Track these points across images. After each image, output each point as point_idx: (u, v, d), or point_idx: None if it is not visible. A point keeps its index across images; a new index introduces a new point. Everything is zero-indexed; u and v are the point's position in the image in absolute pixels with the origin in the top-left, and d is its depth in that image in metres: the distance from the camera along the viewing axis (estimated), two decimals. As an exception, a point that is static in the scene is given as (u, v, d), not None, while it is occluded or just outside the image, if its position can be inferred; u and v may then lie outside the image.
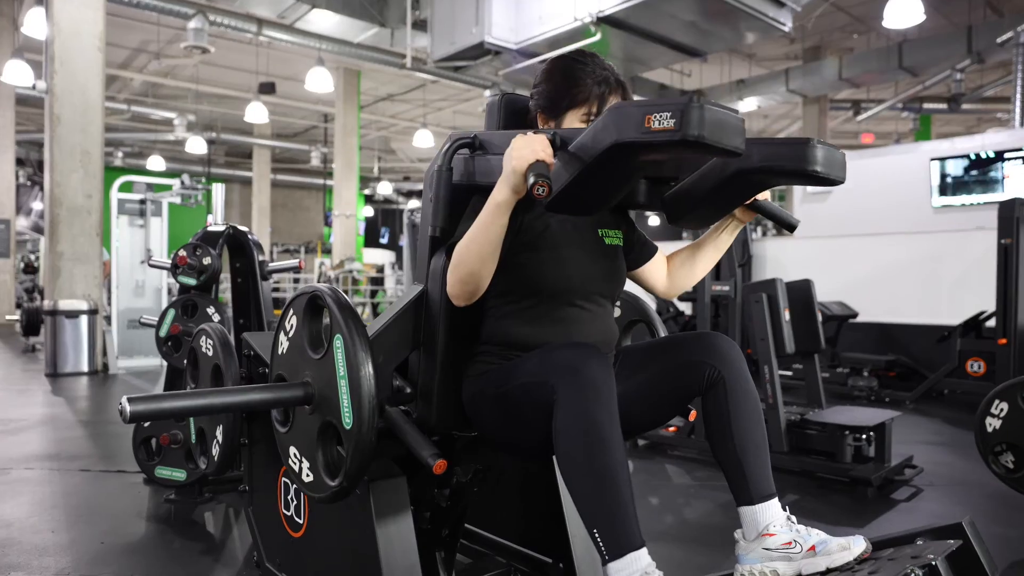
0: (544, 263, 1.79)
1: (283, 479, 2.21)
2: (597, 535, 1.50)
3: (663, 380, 1.77)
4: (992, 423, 3.12)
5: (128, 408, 1.51)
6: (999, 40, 10.92)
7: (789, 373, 6.71)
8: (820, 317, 4.45)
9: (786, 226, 1.85)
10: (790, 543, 1.59)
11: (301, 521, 2.12)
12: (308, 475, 1.76)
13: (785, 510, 1.68)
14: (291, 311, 1.86)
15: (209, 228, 3.70)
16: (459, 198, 1.78)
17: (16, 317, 11.81)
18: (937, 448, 4.67)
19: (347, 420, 1.63)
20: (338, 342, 1.67)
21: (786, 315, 4.09)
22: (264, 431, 2.38)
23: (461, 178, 1.78)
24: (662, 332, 2.36)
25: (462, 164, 1.79)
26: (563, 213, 1.74)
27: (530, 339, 1.78)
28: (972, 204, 8.63)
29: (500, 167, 1.59)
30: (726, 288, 4.60)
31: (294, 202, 28.44)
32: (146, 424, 3.32)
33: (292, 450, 1.82)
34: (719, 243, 1.98)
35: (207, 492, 3.37)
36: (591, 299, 1.84)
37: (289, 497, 2.18)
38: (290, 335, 1.86)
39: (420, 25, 10.52)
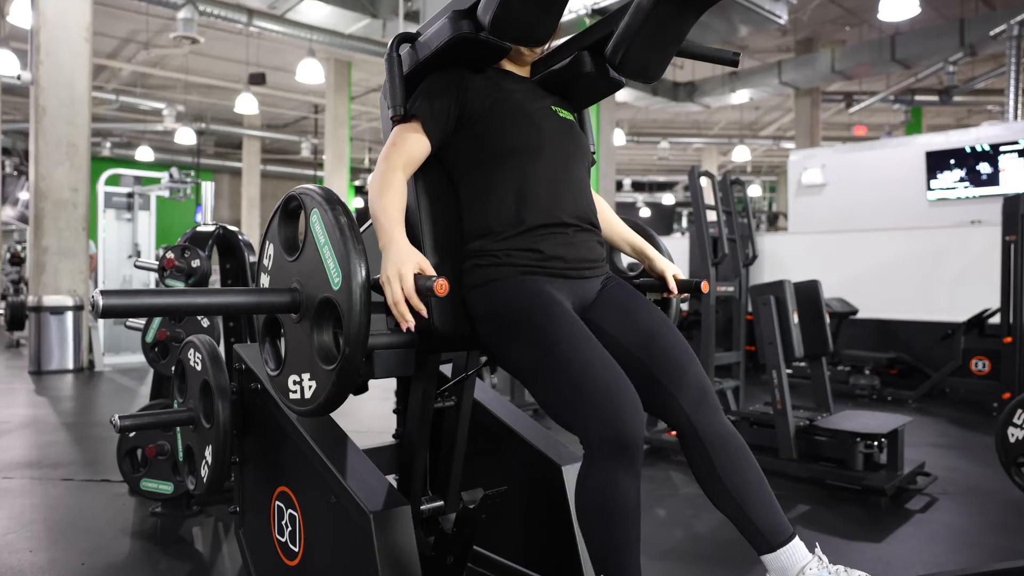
0: (495, 126, 1.76)
1: (277, 503, 2.08)
2: None
3: (641, 369, 1.66)
4: (1015, 433, 3.02)
5: (101, 301, 1.40)
6: (992, 33, 10.92)
7: (790, 371, 6.59)
8: (827, 319, 4.33)
9: (728, 62, 1.87)
10: (831, 585, 1.46)
11: (296, 549, 1.98)
12: (310, 384, 1.61)
13: (815, 549, 1.55)
14: (267, 242, 1.76)
15: (198, 228, 3.55)
16: (413, 88, 1.82)
17: (0, 311, 11.62)
18: (947, 452, 4.57)
19: (335, 281, 1.50)
20: (315, 216, 1.57)
21: (795, 318, 3.97)
22: (256, 449, 2.25)
23: (410, 67, 1.81)
24: (654, 233, 2.26)
25: (408, 57, 1.82)
26: (510, 40, 1.72)
27: (511, 213, 1.72)
28: (967, 198, 8.56)
29: (438, 33, 1.70)
30: (731, 289, 4.48)
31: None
32: (131, 435, 3.17)
33: (290, 380, 1.67)
34: None
35: (195, 505, 3.23)
36: (558, 157, 1.79)
37: (283, 522, 2.04)
38: (270, 268, 1.75)
39: (412, 16, 10.37)
